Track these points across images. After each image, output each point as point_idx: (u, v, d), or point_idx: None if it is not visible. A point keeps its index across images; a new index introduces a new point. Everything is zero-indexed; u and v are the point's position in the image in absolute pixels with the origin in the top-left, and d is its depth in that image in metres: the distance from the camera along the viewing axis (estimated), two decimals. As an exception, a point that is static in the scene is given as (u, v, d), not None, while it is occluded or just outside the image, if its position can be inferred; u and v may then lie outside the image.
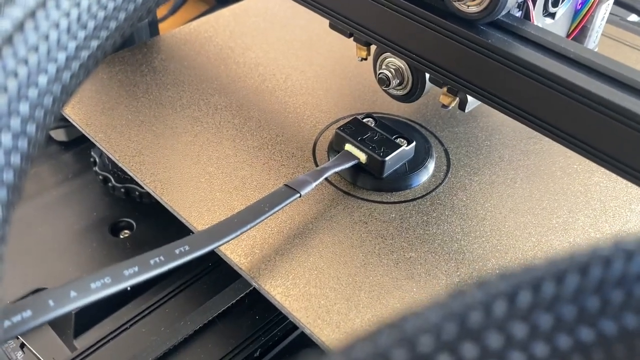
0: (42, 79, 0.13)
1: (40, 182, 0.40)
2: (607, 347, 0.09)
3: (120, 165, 0.32)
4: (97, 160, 0.39)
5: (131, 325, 0.31)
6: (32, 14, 0.12)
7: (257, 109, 0.36)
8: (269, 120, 0.35)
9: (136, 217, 0.38)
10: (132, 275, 0.22)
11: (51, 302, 0.21)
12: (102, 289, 0.22)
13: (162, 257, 0.23)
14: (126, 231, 0.38)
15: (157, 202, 0.32)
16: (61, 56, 0.13)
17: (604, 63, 0.24)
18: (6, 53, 0.12)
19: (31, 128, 0.13)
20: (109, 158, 0.38)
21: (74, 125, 0.35)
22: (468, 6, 0.26)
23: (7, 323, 0.19)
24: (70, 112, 0.35)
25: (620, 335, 0.09)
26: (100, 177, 0.39)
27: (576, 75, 0.24)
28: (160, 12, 0.57)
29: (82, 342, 0.33)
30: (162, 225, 0.38)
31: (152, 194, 0.31)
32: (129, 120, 0.34)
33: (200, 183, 0.31)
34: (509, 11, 0.27)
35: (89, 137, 0.34)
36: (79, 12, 0.13)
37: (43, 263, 0.36)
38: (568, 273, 0.09)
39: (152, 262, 0.23)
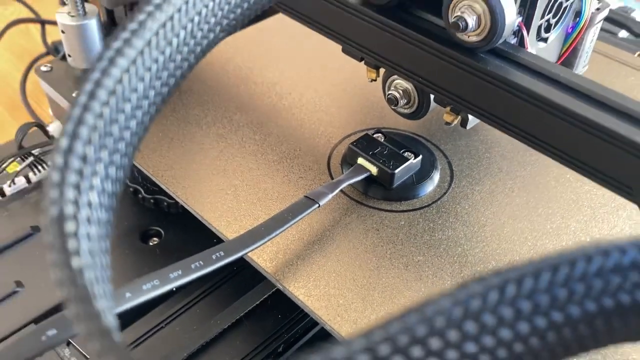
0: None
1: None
2: (574, 326, 0.13)
3: (154, 179, 0.36)
4: (127, 173, 0.42)
5: (166, 325, 0.34)
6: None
7: (275, 125, 0.39)
8: (287, 136, 0.39)
9: (164, 225, 0.41)
10: (177, 277, 0.26)
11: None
12: (152, 290, 0.25)
13: (201, 262, 0.27)
14: (155, 239, 0.41)
15: (184, 212, 0.35)
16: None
17: (589, 86, 0.27)
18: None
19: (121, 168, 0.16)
20: (138, 171, 0.41)
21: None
22: (469, 36, 0.29)
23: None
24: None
25: (583, 317, 0.13)
26: (131, 189, 0.42)
27: (564, 97, 0.27)
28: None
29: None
30: (188, 233, 0.41)
31: (185, 205, 0.34)
32: (160, 138, 0.38)
33: (227, 195, 0.34)
34: (505, 39, 0.30)
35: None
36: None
37: (81, 269, 0.39)
38: (543, 271, 0.12)
39: (192, 266, 0.26)
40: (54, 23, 0.69)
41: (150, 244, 0.41)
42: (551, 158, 0.28)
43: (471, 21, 0.28)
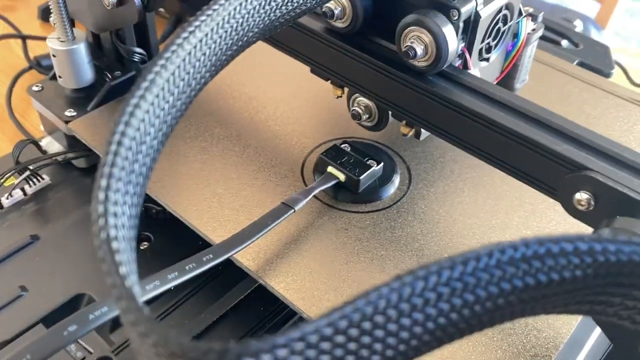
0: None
1: (69, 203, 0.47)
2: (481, 304, 0.17)
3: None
4: (117, 184, 0.46)
5: (160, 320, 0.39)
6: None
7: (253, 137, 0.44)
8: (263, 147, 0.43)
9: (153, 230, 0.45)
10: (174, 278, 0.30)
11: (105, 308, 0.29)
12: (153, 289, 0.29)
13: (194, 264, 0.31)
14: (145, 243, 0.45)
15: (171, 218, 0.39)
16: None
17: (519, 103, 0.32)
18: None
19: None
20: (128, 182, 0.45)
21: (93, 154, 0.42)
22: (418, 62, 0.34)
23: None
24: (101, 147, 0.42)
25: (487, 297, 0.17)
26: (122, 198, 0.46)
27: (497, 113, 0.32)
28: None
29: (117, 337, 0.40)
30: (175, 237, 0.45)
31: (174, 214, 0.38)
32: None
33: (212, 202, 0.39)
34: (450, 63, 0.35)
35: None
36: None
37: (79, 272, 0.43)
38: (456, 264, 0.17)
39: (187, 267, 0.31)
40: (35, 38, 0.73)
41: (141, 247, 0.45)
42: (489, 164, 0.33)
43: (419, 50, 0.33)
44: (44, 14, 0.76)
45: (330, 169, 0.39)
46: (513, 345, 0.32)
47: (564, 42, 0.57)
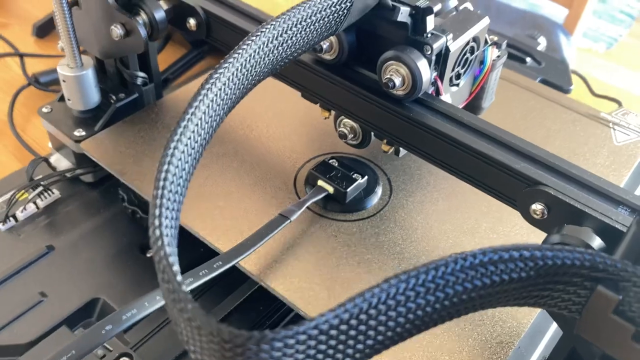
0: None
1: (79, 215, 0.51)
2: (450, 299, 0.22)
3: (154, 204, 0.44)
4: (125, 197, 0.50)
5: (168, 323, 0.43)
6: None
7: (248, 153, 0.48)
8: (259, 162, 0.48)
9: (159, 239, 0.50)
10: (189, 284, 0.35)
11: (135, 310, 0.33)
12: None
13: (206, 270, 0.36)
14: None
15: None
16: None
17: (483, 125, 0.38)
18: None
19: None
20: (136, 196, 0.50)
21: (100, 170, 0.47)
22: (397, 91, 0.39)
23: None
24: (110, 165, 0.46)
25: (454, 294, 0.22)
26: (129, 210, 0.50)
27: (464, 135, 0.37)
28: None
29: (130, 336, 0.44)
30: (179, 245, 0.49)
31: (183, 225, 0.43)
32: (154, 170, 0.46)
33: (215, 215, 0.43)
34: (425, 91, 0.40)
35: (129, 185, 0.45)
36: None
37: (92, 278, 0.47)
38: (430, 270, 0.22)
39: (200, 273, 0.35)
40: (33, 55, 0.76)
41: (148, 255, 0.49)
42: (459, 179, 0.38)
43: (398, 81, 0.38)
44: (39, 31, 0.80)
45: (320, 182, 0.44)
46: (482, 334, 0.37)
47: (529, 60, 0.62)
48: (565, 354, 0.34)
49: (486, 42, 0.44)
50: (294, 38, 0.30)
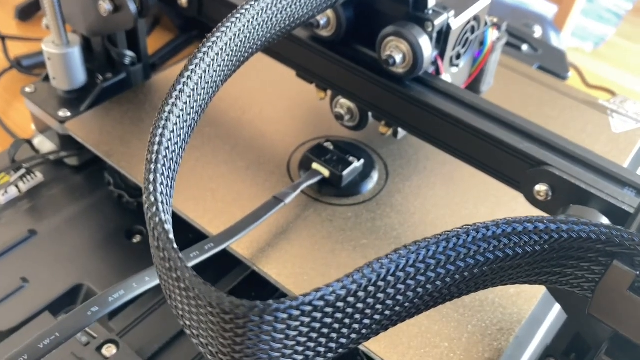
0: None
1: (62, 200, 0.49)
2: (461, 274, 0.21)
3: (140, 185, 0.42)
4: (111, 180, 0.49)
5: (159, 307, 0.41)
6: None
7: (241, 136, 0.47)
8: (251, 145, 0.46)
9: (145, 224, 0.48)
10: (180, 264, 0.33)
11: (122, 291, 0.32)
12: (155, 279, 0.32)
13: (197, 252, 0.34)
14: (138, 236, 0.48)
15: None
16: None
17: (485, 105, 0.36)
18: None
19: None
20: (122, 179, 0.48)
21: (85, 153, 0.45)
22: (397, 69, 0.37)
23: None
24: (96, 146, 0.45)
25: (465, 267, 0.21)
26: (116, 194, 0.48)
27: (466, 114, 0.36)
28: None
29: (115, 324, 0.42)
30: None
31: (173, 209, 0.41)
32: (142, 150, 0.44)
33: (207, 197, 0.42)
34: (425, 69, 0.39)
35: (116, 167, 0.44)
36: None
37: (76, 264, 0.45)
38: (440, 242, 0.21)
39: (191, 255, 0.34)
40: (15, 38, 0.74)
41: (134, 241, 0.48)
42: (461, 160, 0.37)
43: (398, 58, 0.37)
44: (22, 14, 0.78)
45: (315, 165, 0.43)
46: (482, 321, 0.36)
47: (525, 47, 0.61)
48: (569, 340, 0.33)
49: (486, 23, 0.43)
50: (293, 6, 0.28)
